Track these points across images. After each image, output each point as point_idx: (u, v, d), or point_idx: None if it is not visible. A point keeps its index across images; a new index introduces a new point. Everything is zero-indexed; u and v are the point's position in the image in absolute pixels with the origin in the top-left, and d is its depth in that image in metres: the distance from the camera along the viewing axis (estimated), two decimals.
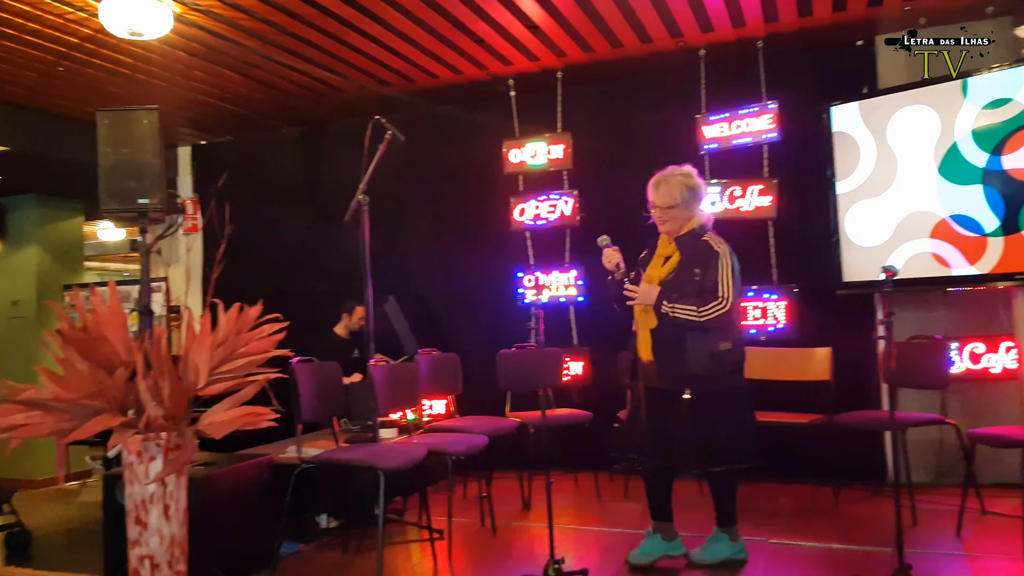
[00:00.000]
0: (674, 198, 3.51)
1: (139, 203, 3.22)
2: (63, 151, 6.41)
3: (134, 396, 2.91)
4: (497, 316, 6.12)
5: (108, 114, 3.26)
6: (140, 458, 2.85)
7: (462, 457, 3.84)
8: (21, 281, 7.78)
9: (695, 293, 3.38)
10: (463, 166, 6.42)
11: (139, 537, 2.85)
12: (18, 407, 2.72)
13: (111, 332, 2.80)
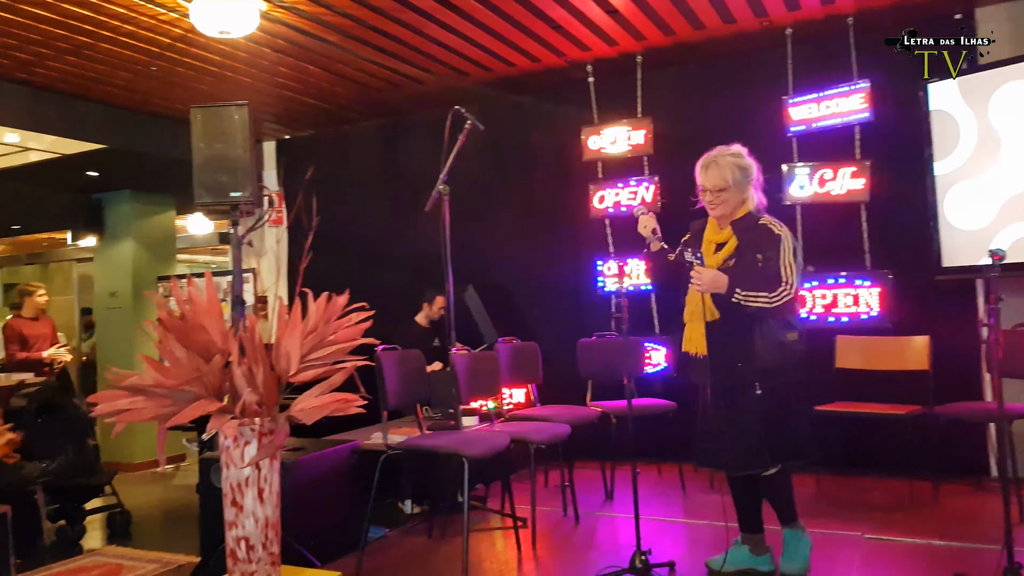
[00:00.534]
0: (725, 180, 3.29)
1: (231, 196, 3.34)
2: (156, 148, 6.69)
3: (229, 383, 3.03)
4: (576, 305, 6.11)
5: (201, 110, 3.40)
6: (236, 442, 2.97)
7: (544, 446, 3.86)
8: (118, 273, 8.20)
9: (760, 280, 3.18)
10: (541, 154, 6.42)
11: (235, 519, 2.97)
12: (122, 392, 2.87)
13: (208, 321, 2.92)
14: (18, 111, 5.69)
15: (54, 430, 5.75)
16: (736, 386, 3.23)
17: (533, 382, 4.85)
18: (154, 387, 2.79)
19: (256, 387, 2.90)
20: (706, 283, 3.23)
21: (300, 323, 2.94)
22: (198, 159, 3.31)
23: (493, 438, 3.47)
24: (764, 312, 3.14)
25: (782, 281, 3.15)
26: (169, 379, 2.82)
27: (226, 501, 3.06)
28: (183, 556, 4.65)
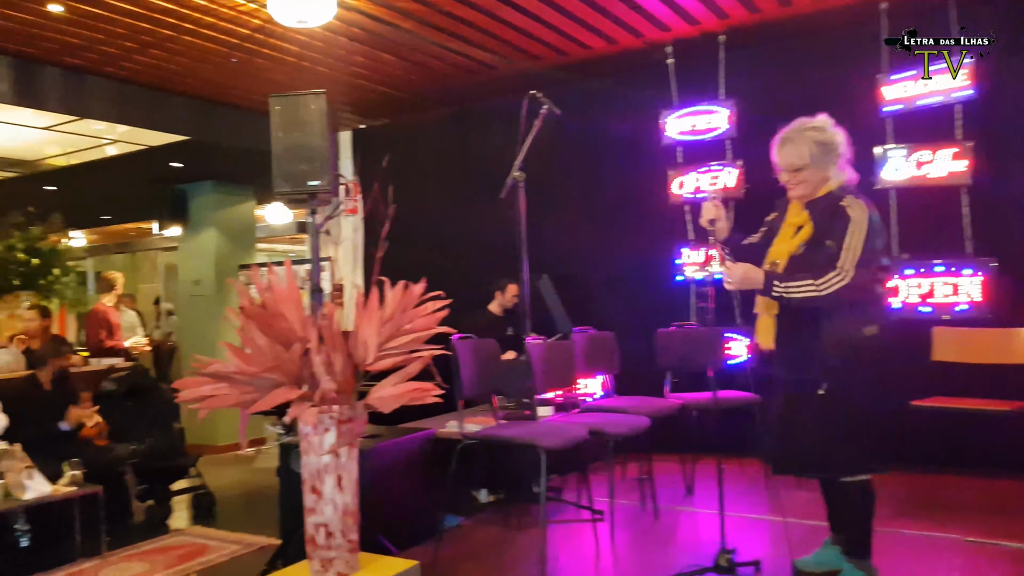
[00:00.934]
0: (802, 158, 2.98)
1: (309, 185, 3.38)
2: (236, 139, 6.86)
3: (309, 370, 3.07)
4: (653, 294, 5.99)
5: (280, 100, 3.44)
6: (315, 430, 3.00)
7: (622, 439, 3.79)
8: (201, 261, 8.47)
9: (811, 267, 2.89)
10: (617, 140, 6.30)
11: (315, 505, 3.01)
12: (206, 379, 2.93)
13: (287, 309, 2.96)
14: (106, 104, 5.91)
15: (142, 413, 5.99)
16: (801, 384, 2.97)
17: (609, 372, 4.78)
18: (236, 374, 2.84)
19: (335, 375, 2.92)
20: (736, 279, 3.01)
21: (377, 312, 2.95)
22: (277, 148, 3.36)
23: (570, 430, 3.43)
24: (835, 302, 2.83)
25: (835, 266, 2.82)
26: (250, 366, 2.87)
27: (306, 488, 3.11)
28: (264, 538, 4.79)
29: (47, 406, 5.24)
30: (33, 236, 6.72)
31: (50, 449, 5.04)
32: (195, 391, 2.83)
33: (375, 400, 3.03)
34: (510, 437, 3.42)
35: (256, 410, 2.76)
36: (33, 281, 6.94)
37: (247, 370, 2.80)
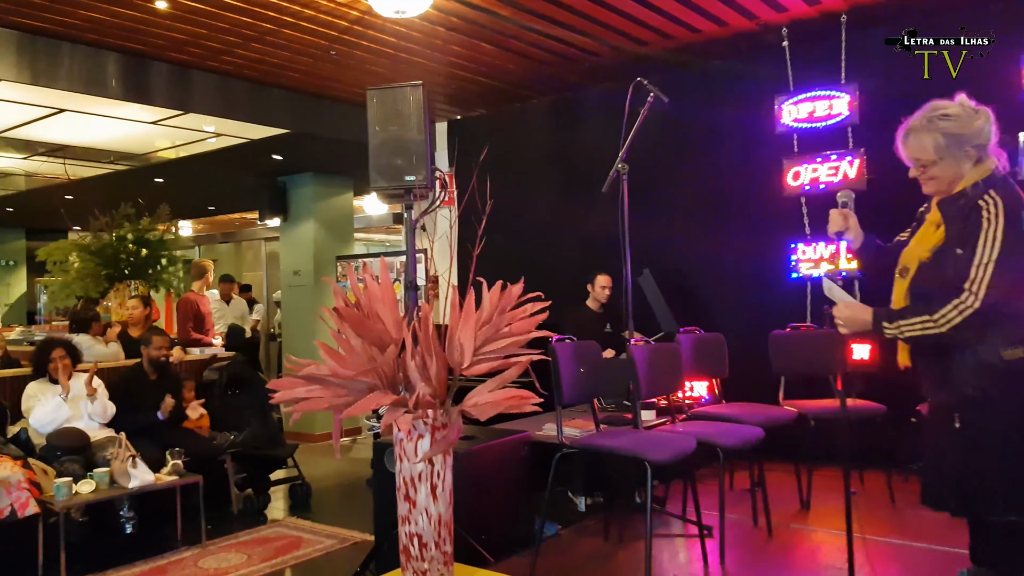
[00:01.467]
0: (926, 152, 2.54)
1: (405, 180, 3.28)
2: (334, 131, 6.90)
3: (403, 373, 2.98)
4: (764, 292, 5.67)
5: (377, 92, 3.36)
6: (409, 436, 2.91)
7: (733, 451, 3.55)
8: (301, 252, 8.61)
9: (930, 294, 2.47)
10: (727, 128, 5.99)
11: (408, 514, 2.90)
12: (300, 381, 2.88)
13: (382, 309, 2.86)
14: (210, 98, 6.02)
15: (242, 403, 6.10)
16: (937, 410, 2.60)
17: (718, 376, 4.52)
18: (330, 376, 2.77)
19: (429, 380, 2.81)
20: (846, 322, 2.62)
21: (474, 314, 2.82)
22: (373, 142, 3.28)
23: (678, 441, 3.22)
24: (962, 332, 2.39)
25: (963, 289, 2.36)
26: (345, 368, 2.79)
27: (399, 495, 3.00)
28: (358, 533, 4.78)
29: (151, 395, 5.38)
30: (142, 227, 6.95)
31: (154, 437, 5.18)
32: (289, 392, 2.77)
33: (471, 407, 2.91)
34: (614, 448, 3.24)
35: (350, 414, 2.69)
36: (142, 271, 7.17)
37: (341, 373, 2.73)
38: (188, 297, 7.20)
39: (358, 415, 4.87)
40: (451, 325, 2.89)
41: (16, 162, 7.99)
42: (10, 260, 14.09)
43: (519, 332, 2.90)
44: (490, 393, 2.86)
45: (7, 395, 5.11)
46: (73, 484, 4.41)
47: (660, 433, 3.48)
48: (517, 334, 2.90)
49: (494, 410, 2.82)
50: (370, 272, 3.17)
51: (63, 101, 5.74)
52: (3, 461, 4.42)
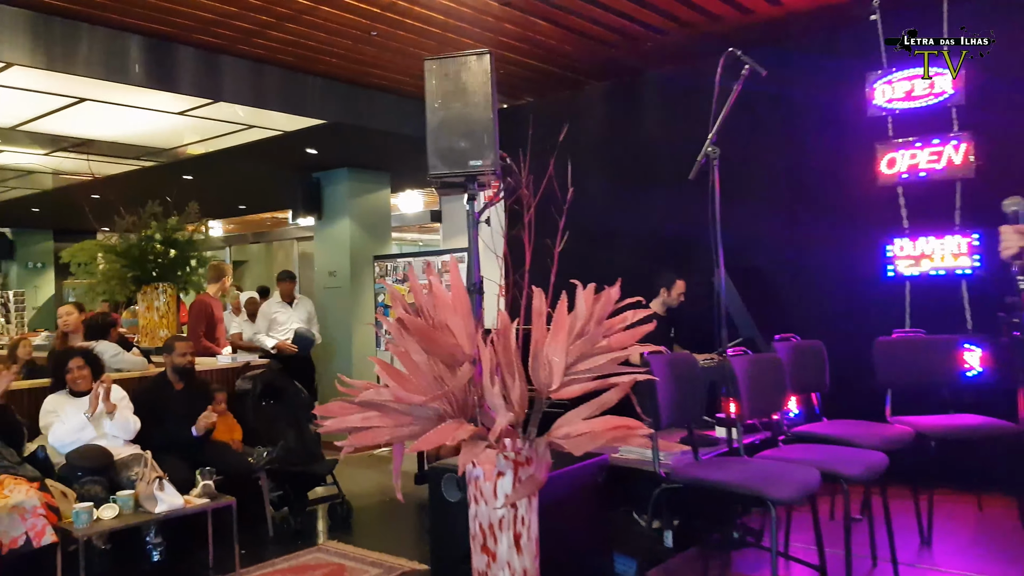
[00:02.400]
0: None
1: (470, 166, 2.80)
2: (374, 122, 6.46)
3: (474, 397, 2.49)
4: (855, 293, 5.12)
5: (436, 63, 2.88)
6: (487, 473, 2.42)
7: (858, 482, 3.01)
8: (336, 252, 8.19)
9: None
10: (811, 111, 5.41)
11: (486, 569, 2.42)
12: (353, 407, 2.40)
13: (453, 320, 2.38)
14: (240, 86, 5.60)
15: (277, 414, 5.66)
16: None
17: (818, 390, 3.97)
18: (393, 403, 2.29)
19: (512, 406, 2.33)
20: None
21: (566, 325, 2.33)
22: (432, 121, 2.81)
23: (800, 473, 2.70)
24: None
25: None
26: (409, 392, 2.31)
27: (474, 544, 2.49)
28: (406, 561, 4.34)
29: (177, 407, 4.96)
30: (171, 226, 6.56)
31: (182, 454, 4.77)
32: (342, 421, 2.31)
33: (561, 437, 2.42)
34: (727, 483, 2.72)
35: (417, 449, 2.21)
36: (170, 272, 6.79)
37: (405, 397, 2.25)
38: (202, 299, 6.67)
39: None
40: (535, 338, 2.39)
41: (39, 159, 7.65)
42: (38, 262, 13.88)
43: (618, 346, 2.39)
44: (585, 422, 2.36)
45: (25, 409, 4.72)
46: (94, 509, 4.01)
47: (773, 463, 2.96)
48: (616, 348, 2.39)
49: (592, 443, 2.31)
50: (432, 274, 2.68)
51: (83, 89, 5.34)
52: (18, 484, 4.02)
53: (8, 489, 3.98)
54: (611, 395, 2.35)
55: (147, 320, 6.82)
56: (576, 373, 2.37)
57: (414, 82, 6.26)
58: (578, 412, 2.39)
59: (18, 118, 5.98)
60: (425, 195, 11.61)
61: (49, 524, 3.86)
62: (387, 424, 2.34)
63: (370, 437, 2.28)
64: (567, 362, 2.34)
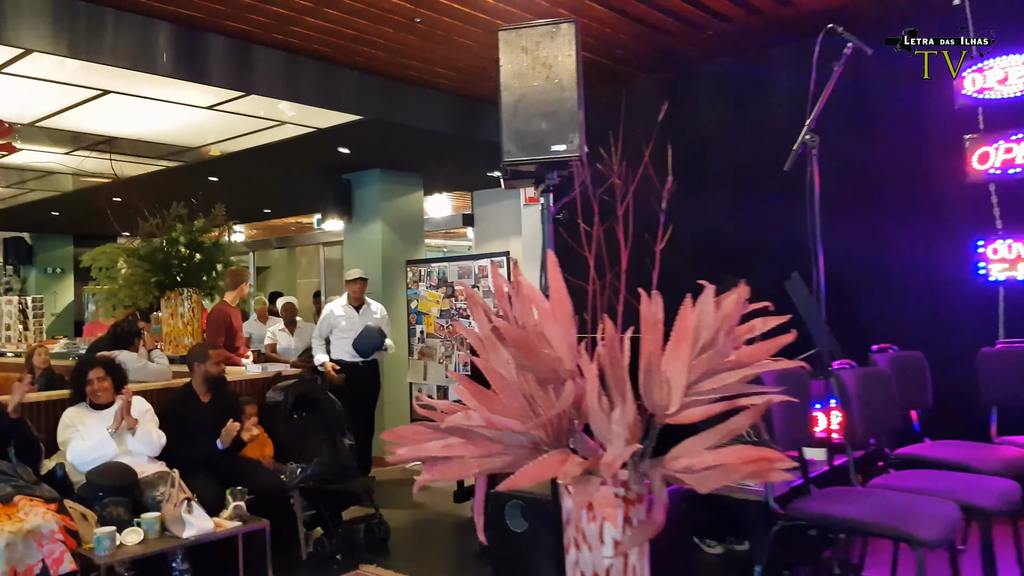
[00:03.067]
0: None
1: (552, 151, 2.43)
2: (411, 119, 6.11)
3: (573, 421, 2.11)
4: (941, 300, 4.69)
5: (512, 34, 2.50)
6: (590, 513, 2.04)
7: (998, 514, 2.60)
8: (367, 257, 7.83)
9: None
10: (890, 101, 4.98)
11: None
12: (429, 430, 2.03)
13: (551, 329, 2.01)
14: (274, 79, 5.26)
15: (310, 428, 5.31)
16: None
17: (919, 407, 3.56)
18: (483, 428, 1.91)
19: (625, 434, 1.94)
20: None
21: (690, 336, 1.94)
22: (507, 101, 2.44)
23: (936, 507, 2.31)
24: None
25: None
26: (500, 415, 1.93)
27: None
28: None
29: (205, 421, 4.61)
30: (197, 228, 6.24)
31: (211, 472, 4.42)
32: (418, 450, 1.93)
33: (682, 471, 2.03)
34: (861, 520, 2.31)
35: (516, 485, 1.83)
36: (195, 278, 6.47)
37: (501, 423, 1.87)
38: (221, 308, 6.28)
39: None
40: (649, 351, 2.01)
41: (59, 158, 7.34)
42: (57, 267, 13.63)
43: (747, 362, 2.00)
44: (713, 452, 1.97)
45: (43, 423, 4.38)
46: (117, 534, 3.67)
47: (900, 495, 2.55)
48: (746, 363, 2.01)
49: (725, 478, 1.91)
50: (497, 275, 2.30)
51: (107, 81, 5.01)
52: (34, 506, 3.68)
53: (24, 512, 3.65)
54: (741, 420, 1.96)
55: (171, 327, 6.50)
56: (698, 393, 1.98)
57: (456, 76, 5.91)
58: (700, 440, 1.99)
59: (37, 113, 5.66)
60: (453, 199, 11.26)
61: (68, 550, 3.53)
62: (474, 454, 1.95)
63: (455, 469, 1.89)
64: (688, 380, 1.95)
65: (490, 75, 5.94)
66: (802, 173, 4.98)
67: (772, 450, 1.91)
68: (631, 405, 1.91)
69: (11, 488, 3.77)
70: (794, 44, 5.38)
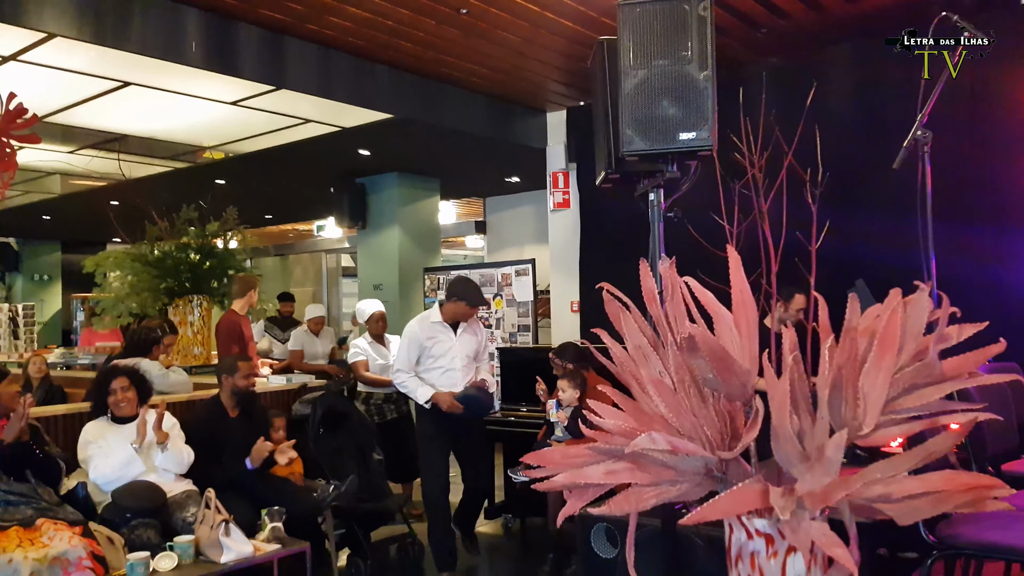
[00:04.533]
0: None
1: (680, 140, 2.20)
2: (444, 119, 5.86)
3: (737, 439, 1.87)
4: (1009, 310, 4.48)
5: (636, 7, 2.26)
6: (771, 547, 1.80)
7: None
8: (383, 264, 7.57)
9: None
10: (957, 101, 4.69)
11: None
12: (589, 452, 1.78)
13: (731, 339, 1.77)
14: (307, 73, 5.00)
15: (339, 443, 5.02)
16: None
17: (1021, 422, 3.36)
18: (661, 452, 1.66)
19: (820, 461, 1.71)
20: None
21: (895, 346, 1.71)
22: (629, 83, 2.21)
23: None
24: None
25: None
26: (683, 437, 1.70)
27: None
28: None
29: (234, 438, 4.31)
30: (210, 232, 5.97)
31: (243, 492, 4.12)
32: (575, 475, 1.67)
33: (880, 501, 1.80)
34: None
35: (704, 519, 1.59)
36: (205, 284, 6.19)
37: (683, 446, 1.62)
38: (230, 317, 5.68)
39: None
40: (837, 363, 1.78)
41: (60, 156, 7.01)
42: (45, 274, 13.18)
43: (955, 374, 1.78)
44: (918, 479, 1.73)
45: (60, 438, 4.07)
46: (150, 560, 3.37)
47: None
48: (952, 377, 1.78)
49: (934, 508, 1.67)
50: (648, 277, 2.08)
51: (129, 72, 4.72)
52: (58, 530, 3.38)
53: (47, 536, 3.34)
54: (944, 441, 1.72)
55: (180, 336, 6.21)
56: (896, 411, 1.75)
57: (490, 75, 5.69)
58: (894, 464, 1.75)
59: (52, 106, 5.34)
60: (458, 206, 11.03)
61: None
62: (644, 481, 1.70)
63: (631, 500, 1.63)
64: (888, 396, 1.72)
65: (527, 76, 5.76)
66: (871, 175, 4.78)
67: (986, 475, 1.68)
68: (823, 425, 1.68)
69: (32, 510, 3.47)
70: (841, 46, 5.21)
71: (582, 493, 1.74)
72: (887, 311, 1.78)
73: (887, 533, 2.94)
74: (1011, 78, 4.45)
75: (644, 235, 2.77)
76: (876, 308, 1.86)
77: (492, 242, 9.37)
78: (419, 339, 4.53)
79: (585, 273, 6.34)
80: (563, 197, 6.56)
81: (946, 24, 2.94)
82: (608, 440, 1.68)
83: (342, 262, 12.59)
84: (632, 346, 1.88)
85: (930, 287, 3.13)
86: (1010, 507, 1.67)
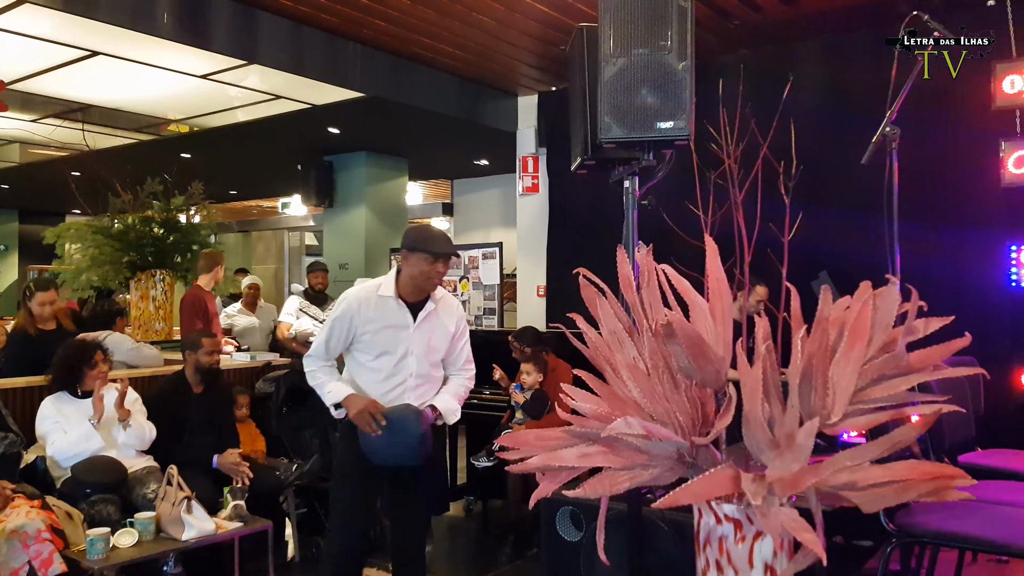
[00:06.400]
0: None
1: (658, 129, 2.20)
2: (415, 99, 5.79)
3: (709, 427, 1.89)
4: (968, 306, 4.58)
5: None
6: (739, 532, 1.82)
7: None
8: (349, 242, 7.50)
9: None
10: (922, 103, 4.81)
11: None
12: (564, 435, 1.78)
13: (705, 326, 1.78)
14: (279, 48, 4.90)
15: (301, 422, 4.98)
16: None
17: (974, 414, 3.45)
18: (636, 436, 1.67)
19: (789, 446, 1.74)
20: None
21: (865, 337, 1.74)
22: (609, 71, 2.20)
23: None
24: None
25: None
26: (657, 422, 1.71)
27: None
28: None
29: (198, 415, 4.24)
30: (175, 206, 5.85)
31: (204, 468, 4.06)
32: (550, 458, 1.68)
33: (844, 488, 1.83)
34: (991, 540, 2.15)
35: (676, 504, 1.60)
36: (168, 258, 6.07)
37: (657, 431, 1.63)
38: (195, 292, 5.54)
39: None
40: (806, 353, 1.80)
41: (22, 124, 6.80)
42: (1, 244, 12.82)
43: (922, 366, 1.82)
44: (883, 467, 1.77)
45: (18, 413, 3.97)
46: (110, 536, 3.31)
47: (1006, 509, 2.40)
48: (919, 369, 1.82)
49: (898, 497, 1.72)
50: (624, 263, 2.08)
51: (99, 41, 4.59)
52: (16, 504, 3.30)
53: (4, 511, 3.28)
54: (908, 431, 1.76)
55: (141, 311, 6.09)
56: (863, 401, 1.78)
57: (463, 57, 5.63)
58: (859, 453, 1.78)
59: (16, 73, 5.17)
60: (424, 187, 10.95)
61: (56, 551, 3.17)
62: (617, 464, 1.71)
63: (605, 483, 1.65)
64: (856, 386, 1.75)
65: (500, 58, 5.71)
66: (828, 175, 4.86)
67: (949, 466, 1.73)
68: (794, 413, 1.70)
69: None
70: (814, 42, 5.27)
71: (555, 476, 1.74)
72: (857, 303, 1.81)
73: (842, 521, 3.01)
74: (976, 79, 4.54)
75: (612, 222, 2.74)
76: (846, 300, 1.89)
77: (459, 224, 9.34)
78: (352, 319, 2.97)
79: (552, 258, 6.36)
80: (532, 182, 6.55)
81: (917, 23, 2.99)
82: (582, 424, 1.68)
83: (305, 240, 12.46)
84: (607, 331, 1.88)
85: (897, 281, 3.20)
86: (971, 497, 1.71)
